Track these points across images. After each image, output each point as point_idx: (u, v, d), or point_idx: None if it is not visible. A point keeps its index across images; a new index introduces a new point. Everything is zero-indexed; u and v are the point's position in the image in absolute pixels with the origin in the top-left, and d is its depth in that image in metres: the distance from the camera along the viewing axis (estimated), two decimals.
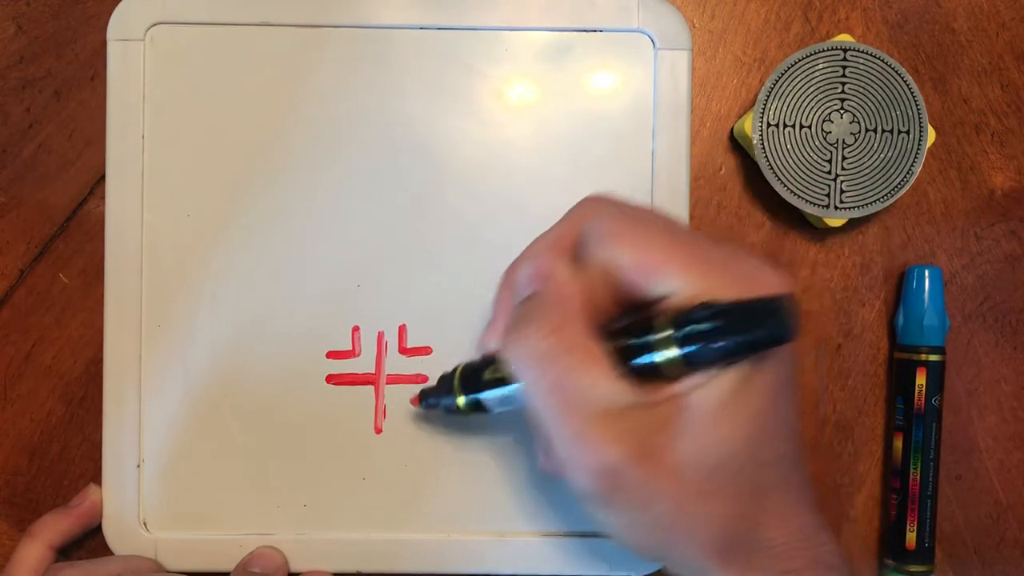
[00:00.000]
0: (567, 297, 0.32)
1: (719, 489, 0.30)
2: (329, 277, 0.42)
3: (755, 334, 0.28)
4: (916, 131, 0.42)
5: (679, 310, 0.30)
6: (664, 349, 0.30)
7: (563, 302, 0.32)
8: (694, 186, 0.44)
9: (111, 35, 0.42)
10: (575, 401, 0.30)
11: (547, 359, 0.31)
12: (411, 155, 0.43)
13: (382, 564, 0.42)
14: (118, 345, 0.42)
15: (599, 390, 0.30)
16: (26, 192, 0.44)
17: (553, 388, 0.31)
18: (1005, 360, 0.45)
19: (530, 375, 0.31)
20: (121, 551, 0.42)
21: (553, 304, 0.32)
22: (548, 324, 0.31)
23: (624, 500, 0.31)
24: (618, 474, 0.30)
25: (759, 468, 0.31)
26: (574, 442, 0.30)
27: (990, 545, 0.45)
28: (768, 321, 0.27)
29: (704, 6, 0.45)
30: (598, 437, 0.30)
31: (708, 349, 0.29)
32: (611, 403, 0.30)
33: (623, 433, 0.30)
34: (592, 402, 0.30)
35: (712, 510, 0.30)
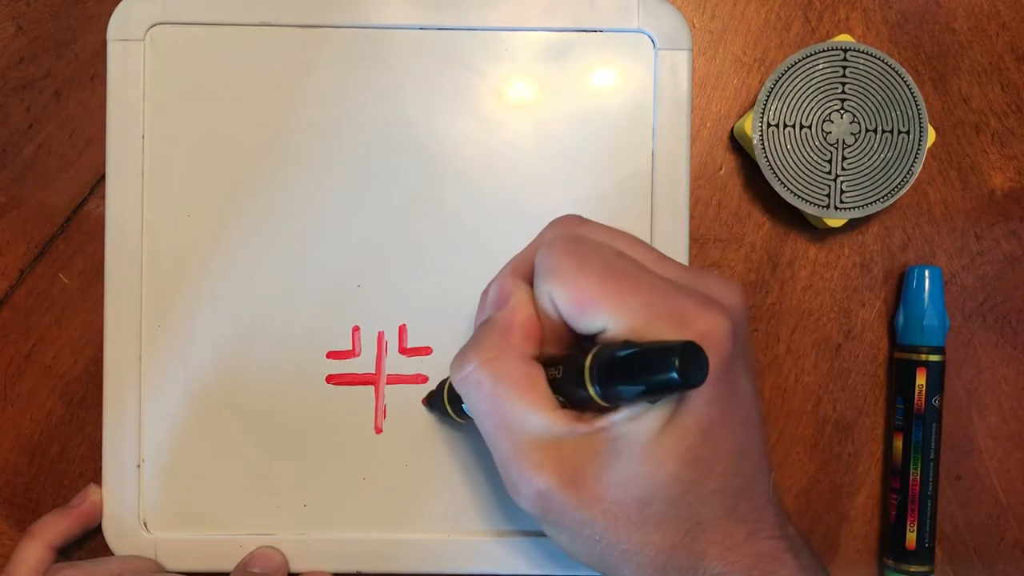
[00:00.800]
0: (512, 325, 0.33)
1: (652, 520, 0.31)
2: (329, 277, 0.42)
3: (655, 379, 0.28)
4: (916, 131, 0.42)
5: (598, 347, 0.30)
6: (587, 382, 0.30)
7: (507, 330, 0.33)
8: (694, 186, 0.44)
9: (111, 35, 0.42)
10: (509, 427, 0.32)
11: (482, 387, 0.32)
12: (411, 155, 0.43)
13: (382, 564, 0.42)
14: (118, 345, 0.42)
15: (531, 418, 0.31)
16: (26, 192, 0.44)
17: (489, 414, 0.32)
18: (1005, 360, 0.45)
19: (469, 400, 0.33)
20: (121, 551, 0.42)
21: (498, 331, 0.33)
22: (488, 351, 0.33)
23: (558, 521, 0.32)
24: (548, 498, 0.31)
25: (697, 500, 0.31)
26: (509, 465, 0.32)
27: (990, 545, 0.45)
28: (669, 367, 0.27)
29: (704, 6, 0.45)
30: (529, 462, 0.31)
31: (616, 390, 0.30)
32: (542, 431, 0.31)
33: (553, 460, 0.31)
34: (524, 429, 0.32)
35: (646, 539, 0.31)
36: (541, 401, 0.32)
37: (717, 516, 0.31)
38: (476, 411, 0.33)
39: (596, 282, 0.31)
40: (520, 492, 0.32)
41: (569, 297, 0.32)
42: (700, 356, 0.28)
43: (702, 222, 0.45)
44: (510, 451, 0.32)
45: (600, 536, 0.31)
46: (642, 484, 0.31)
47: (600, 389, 0.30)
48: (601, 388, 0.30)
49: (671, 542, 0.31)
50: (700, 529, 0.31)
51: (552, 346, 0.33)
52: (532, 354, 0.33)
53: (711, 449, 0.31)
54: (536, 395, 0.32)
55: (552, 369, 0.32)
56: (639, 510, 0.31)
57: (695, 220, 0.44)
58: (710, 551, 0.31)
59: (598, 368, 0.30)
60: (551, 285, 0.32)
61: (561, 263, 0.32)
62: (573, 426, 0.31)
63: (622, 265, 0.32)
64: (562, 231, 0.35)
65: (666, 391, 0.29)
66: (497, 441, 0.33)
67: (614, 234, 0.34)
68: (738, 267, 0.45)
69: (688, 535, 0.31)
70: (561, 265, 0.32)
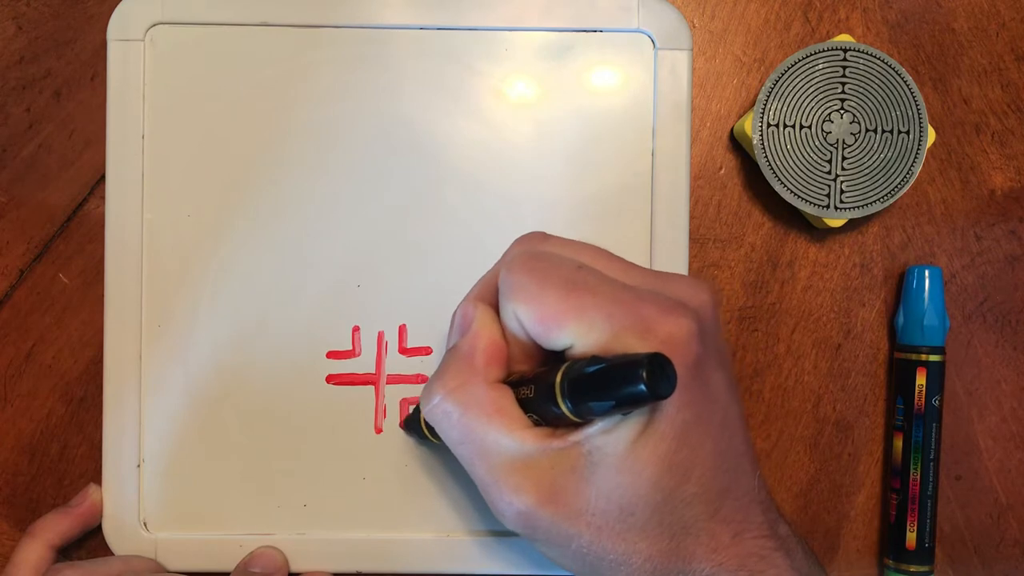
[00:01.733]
0: (475, 351, 0.33)
1: (636, 528, 0.31)
2: (329, 277, 0.42)
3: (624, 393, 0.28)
4: (916, 131, 0.42)
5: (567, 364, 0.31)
6: (559, 400, 0.30)
7: (470, 356, 0.33)
8: (694, 186, 0.44)
9: (111, 35, 0.42)
10: (483, 453, 0.32)
11: (450, 417, 0.33)
12: (411, 155, 0.43)
13: (382, 564, 0.42)
14: (118, 345, 0.42)
15: (503, 442, 0.32)
16: (26, 192, 0.44)
17: (461, 442, 0.33)
18: (1005, 360, 0.45)
19: (440, 430, 0.33)
20: (121, 551, 0.42)
21: (461, 359, 0.33)
22: (452, 380, 0.33)
23: (545, 538, 0.32)
24: (530, 517, 0.32)
25: (679, 505, 0.31)
26: (488, 489, 0.33)
27: (990, 545, 0.45)
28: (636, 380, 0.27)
29: (704, 6, 0.45)
30: (507, 485, 0.32)
31: (587, 405, 0.30)
32: (515, 452, 0.32)
33: (531, 480, 0.31)
34: (498, 453, 0.32)
35: (632, 548, 0.31)
36: (511, 423, 0.32)
37: (701, 519, 0.31)
38: (449, 440, 0.33)
39: (558, 299, 0.31)
40: (503, 514, 0.33)
41: (534, 316, 0.32)
42: (667, 366, 0.28)
43: (702, 222, 0.45)
44: (487, 476, 0.32)
45: (587, 548, 0.31)
46: (622, 494, 0.31)
47: (572, 405, 0.30)
48: (573, 404, 0.30)
49: (658, 548, 0.31)
50: (685, 533, 0.31)
51: (523, 363, 0.34)
52: (498, 377, 0.33)
53: (689, 453, 0.31)
54: (505, 418, 0.32)
55: (523, 388, 0.32)
56: (622, 520, 0.31)
57: (695, 220, 0.44)
58: (697, 554, 0.31)
59: (568, 386, 0.30)
60: (515, 305, 0.32)
61: (523, 281, 0.32)
62: (547, 443, 0.31)
63: (583, 278, 0.32)
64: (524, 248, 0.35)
65: (636, 404, 0.30)
66: (473, 467, 0.33)
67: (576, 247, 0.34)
68: (738, 267, 0.45)
69: (674, 540, 0.31)
70: (523, 283, 0.32)
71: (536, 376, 0.32)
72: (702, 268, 0.45)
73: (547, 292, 0.31)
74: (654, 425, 0.30)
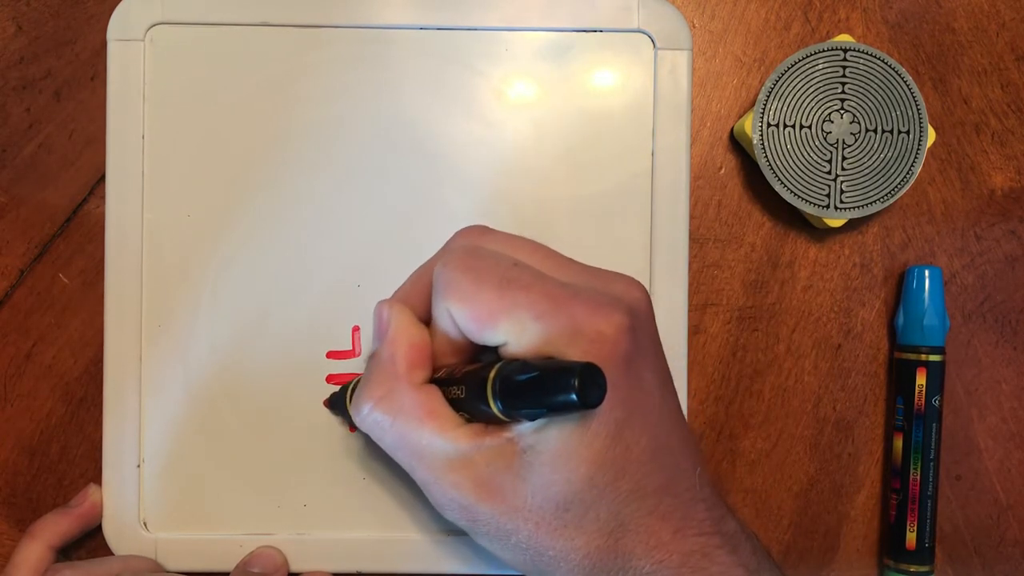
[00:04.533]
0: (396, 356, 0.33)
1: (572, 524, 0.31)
2: (329, 277, 0.42)
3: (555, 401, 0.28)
4: (916, 131, 0.42)
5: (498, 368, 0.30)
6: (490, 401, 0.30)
7: (391, 362, 0.33)
8: (694, 186, 0.44)
9: (111, 35, 0.42)
10: (419, 455, 0.33)
11: (381, 425, 0.33)
12: (411, 155, 0.43)
13: (382, 564, 0.42)
14: (118, 345, 0.42)
15: (437, 443, 0.32)
16: (26, 192, 0.44)
17: (396, 447, 0.33)
18: (1005, 360, 0.45)
19: (375, 436, 0.34)
20: (121, 551, 0.42)
21: (382, 367, 0.33)
22: (376, 391, 0.33)
23: (484, 531, 0.32)
24: (470, 512, 0.32)
25: (615, 502, 0.31)
26: (429, 487, 0.33)
27: (990, 545, 0.45)
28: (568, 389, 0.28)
29: (704, 6, 0.45)
30: (445, 482, 0.32)
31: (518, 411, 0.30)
32: (453, 452, 0.32)
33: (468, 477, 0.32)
34: (433, 454, 0.32)
35: (569, 544, 0.31)
36: (443, 424, 0.32)
37: (639, 515, 0.31)
38: (385, 446, 0.34)
39: (492, 298, 0.31)
40: (444, 508, 0.33)
41: (467, 315, 0.32)
42: (597, 376, 0.28)
43: (702, 222, 0.45)
44: (426, 476, 0.33)
45: (527, 543, 0.32)
46: (557, 491, 0.31)
47: (503, 407, 0.30)
48: (504, 407, 0.30)
49: (595, 545, 0.31)
50: (623, 530, 0.31)
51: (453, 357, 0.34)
52: (423, 379, 0.33)
53: (622, 450, 0.31)
54: (437, 420, 0.32)
55: (454, 388, 0.32)
56: (558, 516, 0.31)
57: (695, 220, 0.44)
58: (636, 551, 0.31)
59: (501, 390, 0.30)
60: (448, 303, 0.32)
61: (457, 279, 0.32)
62: (481, 441, 0.32)
63: (517, 275, 0.32)
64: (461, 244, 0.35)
65: (567, 411, 0.30)
66: (413, 470, 0.33)
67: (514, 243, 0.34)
68: (738, 267, 0.45)
69: (611, 537, 0.31)
70: (457, 281, 0.32)
71: (466, 375, 0.32)
72: (702, 268, 0.45)
73: (481, 290, 0.32)
74: (586, 423, 0.30)
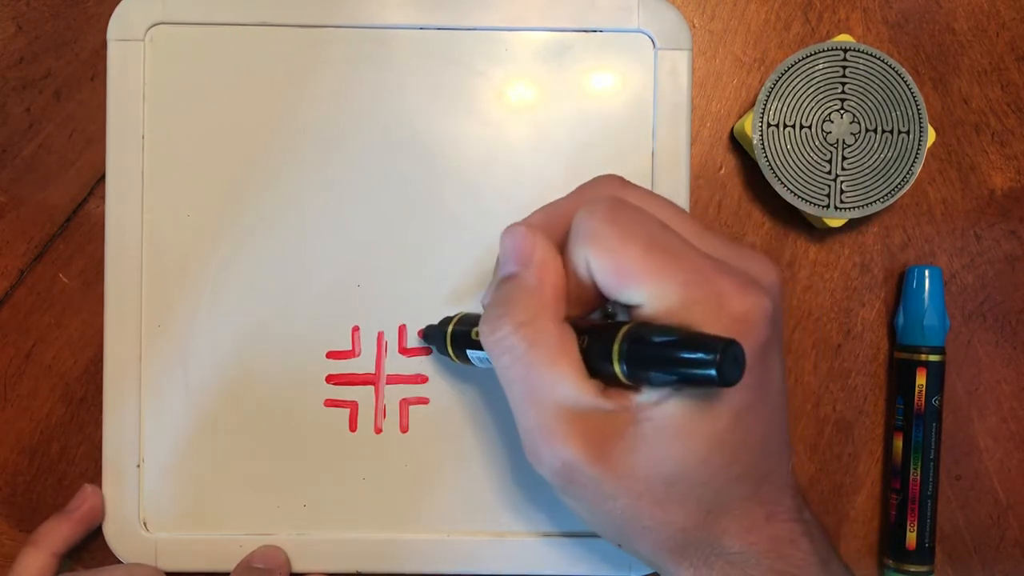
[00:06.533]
0: (542, 287, 0.32)
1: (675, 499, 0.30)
2: (329, 277, 0.42)
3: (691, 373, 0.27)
4: (916, 131, 0.42)
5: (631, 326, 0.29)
6: (614, 361, 0.29)
7: (538, 292, 0.32)
8: (694, 186, 0.44)
9: (111, 35, 0.42)
10: (538, 395, 0.31)
11: (514, 351, 0.31)
12: (411, 155, 0.43)
13: (382, 564, 0.42)
14: (118, 345, 0.42)
15: (562, 388, 0.30)
16: (26, 192, 0.44)
17: (519, 379, 0.31)
18: (1005, 360, 0.45)
19: (499, 363, 0.32)
20: (121, 551, 0.42)
21: (527, 293, 0.32)
22: (519, 315, 0.31)
23: (580, 494, 0.31)
24: (573, 470, 0.31)
25: (722, 484, 0.31)
26: (535, 434, 0.31)
27: (990, 545, 0.45)
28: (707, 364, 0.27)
29: (704, 6, 0.45)
30: (556, 433, 0.30)
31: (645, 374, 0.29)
32: (573, 402, 0.30)
33: (580, 433, 0.30)
34: (554, 399, 0.31)
35: (667, 518, 0.31)
36: (573, 370, 0.30)
37: (740, 499, 0.31)
38: (505, 375, 0.32)
39: (638, 256, 0.30)
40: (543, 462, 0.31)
41: (610, 267, 0.30)
42: (739, 355, 0.27)
43: (702, 222, 0.45)
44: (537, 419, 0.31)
45: (622, 511, 0.31)
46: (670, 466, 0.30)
47: (628, 369, 0.29)
48: (629, 369, 0.29)
49: (693, 522, 0.31)
50: (722, 510, 0.31)
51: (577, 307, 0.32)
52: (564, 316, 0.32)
53: (741, 434, 0.30)
54: (569, 363, 0.31)
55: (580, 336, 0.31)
56: (664, 490, 0.30)
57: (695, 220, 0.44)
58: (730, 531, 0.31)
59: (630, 349, 0.29)
60: (590, 251, 0.31)
61: (603, 230, 0.31)
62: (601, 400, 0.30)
63: (666, 240, 0.31)
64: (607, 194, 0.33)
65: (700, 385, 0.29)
66: (523, 407, 0.31)
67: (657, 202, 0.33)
68: None
69: (710, 515, 0.31)
70: (604, 232, 0.31)
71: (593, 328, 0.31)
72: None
73: (629, 247, 0.30)
74: (711, 403, 0.30)
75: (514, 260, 0.33)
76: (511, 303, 0.32)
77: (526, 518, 0.43)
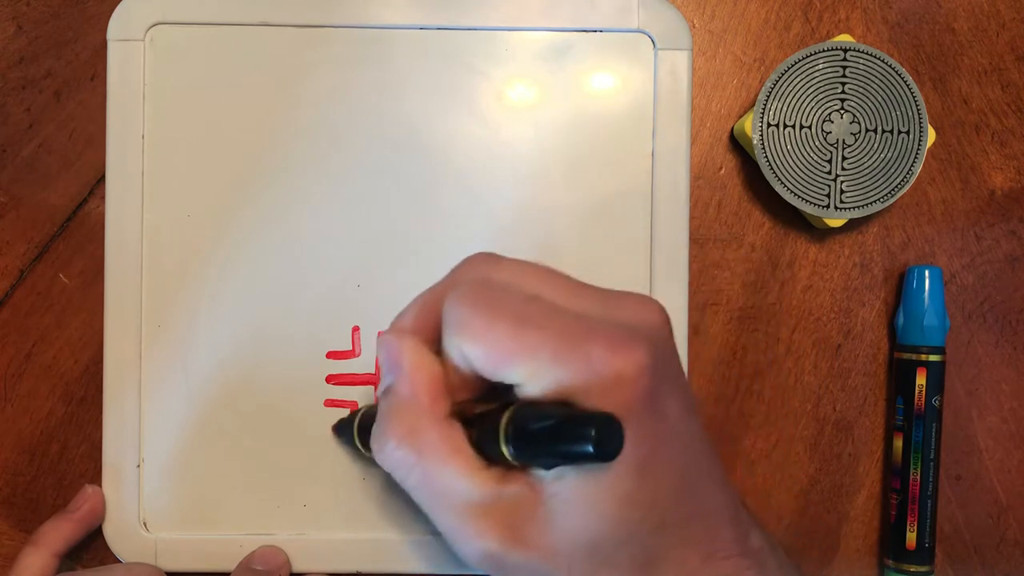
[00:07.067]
0: (416, 393, 0.32)
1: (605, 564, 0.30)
2: (329, 277, 0.42)
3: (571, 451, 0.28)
4: (916, 131, 0.42)
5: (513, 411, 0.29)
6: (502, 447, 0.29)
7: (414, 399, 0.32)
8: (694, 186, 0.44)
9: (111, 35, 0.42)
10: (441, 497, 0.31)
11: (405, 463, 0.32)
12: (411, 155, 0.43)
13: (382, 564, 0.42)
14: (118, 345, 0.42)
15: (461, 486, 0.31)
16: (26, 192, 0.44)
17: (419, 487, 0.32)
18: (1005, 360, 0.45)
19: (397, 476, 0.32)
20: (121, 551, 0.42)
21: (403, 403, 0.32)
22: (400, 427, 0.32)
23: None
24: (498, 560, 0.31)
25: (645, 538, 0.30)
26: (451, 535, 0.32)
27: (990, 545, 0.45)
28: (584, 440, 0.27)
29: (704, 6, 0.45)
30: (469, 529, 0.31)
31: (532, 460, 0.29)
32: (475, 496, 0.31)
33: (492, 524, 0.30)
34: (457, 497, 0.31)
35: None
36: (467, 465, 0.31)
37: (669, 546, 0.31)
38: (406, 485, 0.32)
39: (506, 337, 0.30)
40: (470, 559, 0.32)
41: (481, 354, 0.30)
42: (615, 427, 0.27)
43: (702, 222, 0.45)
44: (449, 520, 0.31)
45: None
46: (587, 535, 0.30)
47: (516, 454, 0.29)
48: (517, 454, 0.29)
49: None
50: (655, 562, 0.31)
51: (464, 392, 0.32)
52: (446, 413, 0.32)
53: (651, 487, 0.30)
54: (461, 459, 0.31)
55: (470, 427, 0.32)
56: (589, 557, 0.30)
57: (695, 220, 0.44)
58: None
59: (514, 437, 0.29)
60: (461, 340, 0.31)
61: (468, 315, 0.31)
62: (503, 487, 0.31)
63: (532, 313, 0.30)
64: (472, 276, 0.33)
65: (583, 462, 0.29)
66: (434, 512, 0.32)
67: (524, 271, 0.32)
68: (738, 267, 0.45)
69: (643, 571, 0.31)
70: (469, 318, 0.31)
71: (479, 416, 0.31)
72: (702, 268, 0.45)
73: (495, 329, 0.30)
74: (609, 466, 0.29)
75: (387, 369, 0.33)
76: (390, 417, 0.32)
77: None
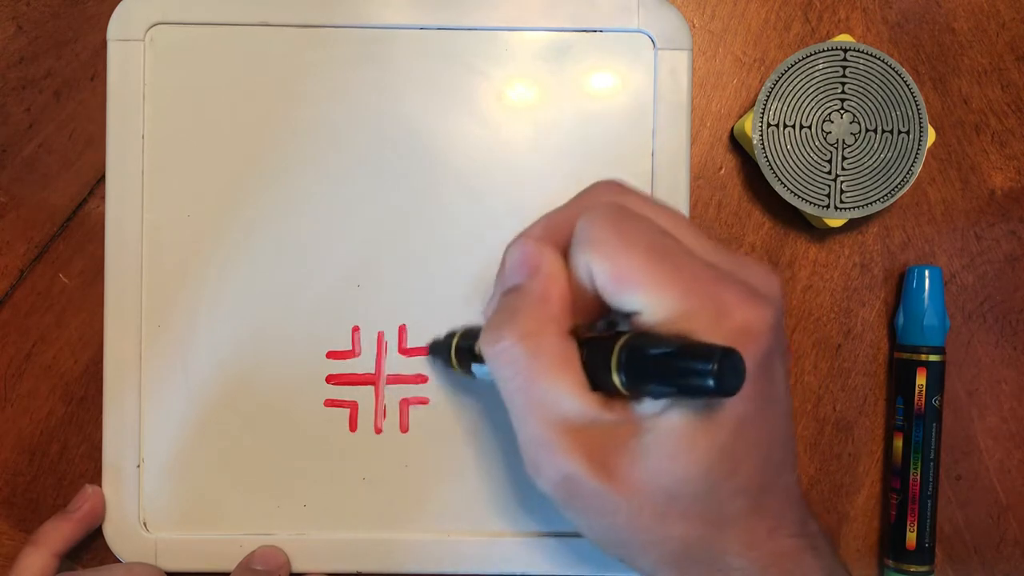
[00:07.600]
0: (547, 298, 0.31)
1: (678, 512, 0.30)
2: (329, 277, 0.42)
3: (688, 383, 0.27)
4: (916, 131, 0.42)
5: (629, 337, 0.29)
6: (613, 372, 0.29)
7: (542, 303, 0.31)
8: (694, 186, 0.44)
9: (111, 35, 0.42)
10: (540, 407, 0.31)
11: (517, 363, 0.31)
12: (411, 155, 0.43)
13: (382, 564, 0.42)
14: (118, 345, 0.42)
15: (564, 400, 0.30)
16: (26, 192, 0.44)
17: (520, 391, 0.31)
18: (1005, 360, 0.45)
19: (501, 374, 0.32)
20: (121, 551, 0.42)
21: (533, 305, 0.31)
22: (523, 326, 0.31)
23: (581, 507, 0.31)
24: (575, 483, 0.30)
25: (724, 496, 0.30)
26: (536, 446, 0.31)
27: (990, 545, 0.45)
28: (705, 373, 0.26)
29: (704, 6, 0.45)
30: (558, 446, 0.30)
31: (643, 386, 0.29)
32: (575, 414, 0.30)
33: (582, 445, 0.30)
34: (556, 411, 0.30)
35: (668, 531, 0.30)
36: (575, 382, 0.30)
37: (742, 512, 0.31)
38: (507, 387, 0.31)
39: (639, 263, 0.30)
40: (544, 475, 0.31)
41: (610, 273, 0.30)
42: (738, 363, 0.27)
43: (702, 222, 0.45)
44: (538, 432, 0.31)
45: (623, 525, 0.30)
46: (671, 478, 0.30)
47: (626, 380, 0.29)
48: (628, 380, 0.29)
49: (694, 535, 0.30)
50: (723, 524, 0.31)
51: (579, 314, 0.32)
52: (569, 328, 0.31)
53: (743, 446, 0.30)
54: (572, 375, 0.30)
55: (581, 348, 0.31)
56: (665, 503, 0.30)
57: (695, 220, 0.44)
58: (731, 547, 0.31)
59: (627, 361, 0.29)
60: (591, 257, 0.31)
61: (604, 236, 0.30)
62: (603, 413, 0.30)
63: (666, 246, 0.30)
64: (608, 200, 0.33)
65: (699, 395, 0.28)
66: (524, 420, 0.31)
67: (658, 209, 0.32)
68: None
69: (711, 529, 0.31)
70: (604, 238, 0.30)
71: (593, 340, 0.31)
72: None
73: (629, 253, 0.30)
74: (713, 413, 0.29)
75: (521, 272, 0.32)
76: (515, 314, 0.31)
77: (526, 518, 0.43)
